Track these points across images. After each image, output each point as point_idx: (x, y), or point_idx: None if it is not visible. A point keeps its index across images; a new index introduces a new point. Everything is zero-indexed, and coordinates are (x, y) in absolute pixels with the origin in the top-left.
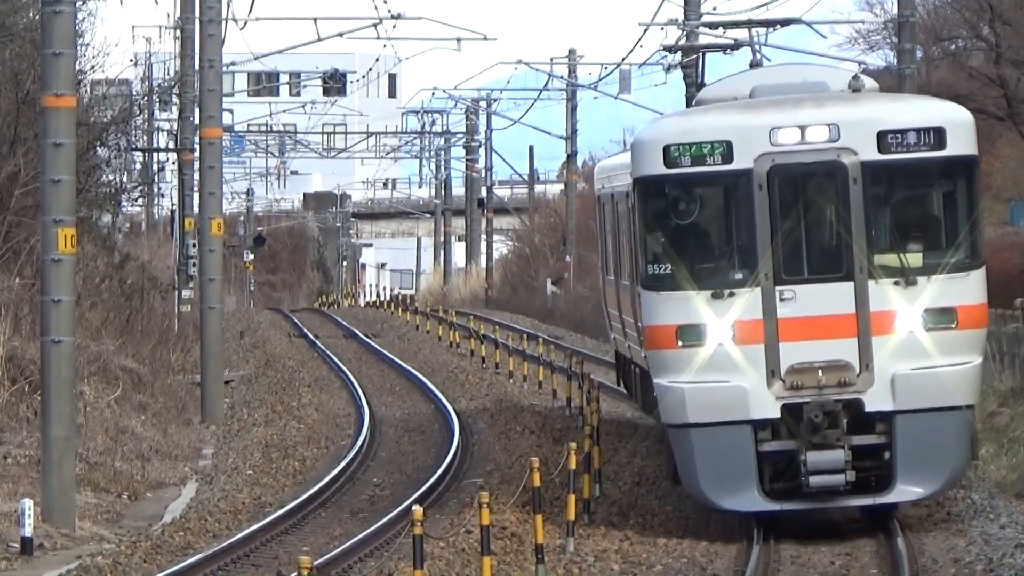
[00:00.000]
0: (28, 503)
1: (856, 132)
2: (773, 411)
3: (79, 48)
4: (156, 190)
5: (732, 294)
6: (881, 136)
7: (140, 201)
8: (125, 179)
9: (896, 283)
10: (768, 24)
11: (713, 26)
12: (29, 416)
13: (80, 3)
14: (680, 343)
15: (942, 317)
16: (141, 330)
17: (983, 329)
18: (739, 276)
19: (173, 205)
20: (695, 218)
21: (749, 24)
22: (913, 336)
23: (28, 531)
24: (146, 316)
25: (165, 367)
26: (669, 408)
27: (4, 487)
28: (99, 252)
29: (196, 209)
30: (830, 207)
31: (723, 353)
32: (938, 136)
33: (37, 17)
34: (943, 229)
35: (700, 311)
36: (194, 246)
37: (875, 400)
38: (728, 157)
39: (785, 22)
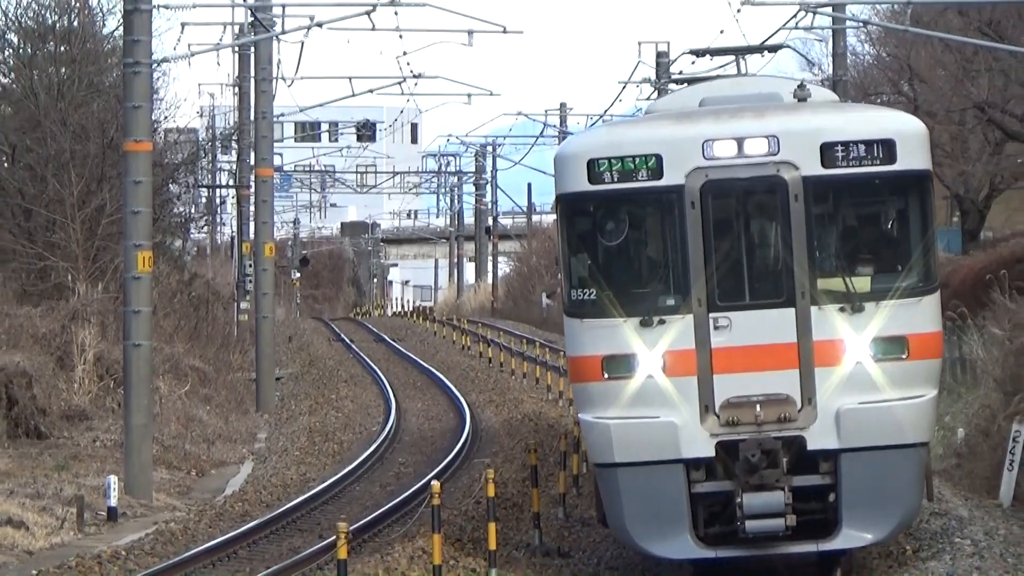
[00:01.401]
0: (113, 479)
1: (798, 144)
2: (707, 449)
3: (155, 102)
4: (218, 220)
5: (662, 322)
6: (825, 149)
7: (205, 229)
8: (193, 211)
9: (842, 309)
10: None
11: (679, 82)
12: (114, 407)
13: (155, 65)
14: (606, 375)
15: (892, 347)
16: (206, 335)
17: (937, 360)
18: (670, 302)
19: (232, 232)
20: (623, 239)
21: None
22: (860, 367)
23: (113, 502)
24: (210, 324)
25: (226, 366)
26: (595, 446)
27: (93, 465)
28: (171, 271)
29: (252, 235)
30: (769, 226)
31: (652, 386)
32: (887, 149)
33: (120, 76)
34: (893, 250)
35: (628, 340)
36: (250, 266)
37: (818, 437)
38: (658, 172)
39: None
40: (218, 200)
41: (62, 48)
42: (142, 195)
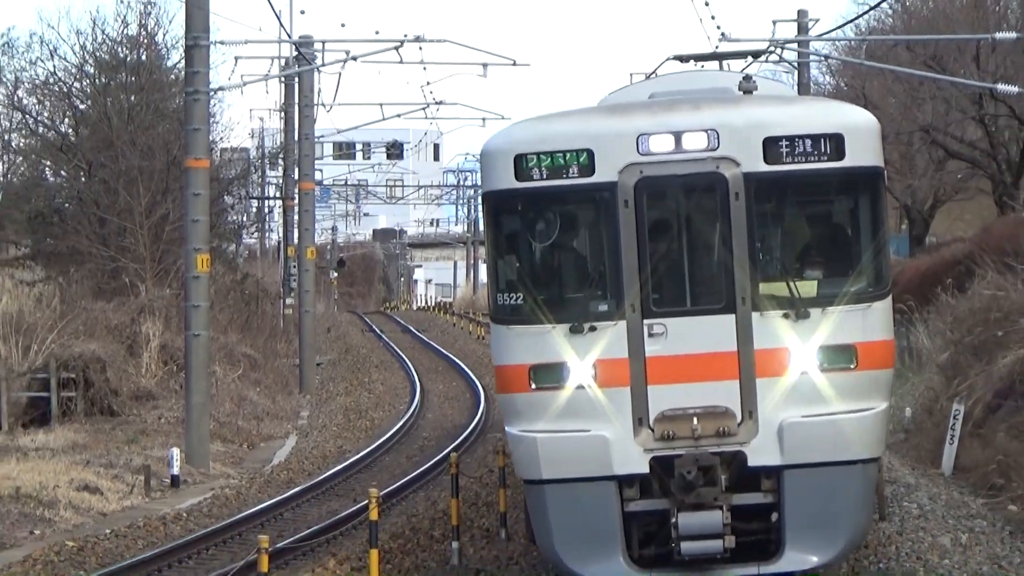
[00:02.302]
0: (176, 451)
1: (739, 139)
2: (640, 465)
3: (211, 125)
4: (267, 227)
5: (594, 328)
6: (768, 144)
7: (255, 235)
8: (244, 219)
9: (785, 316)
10: None
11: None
12: (176, 388)
13: (212, 93)
14: (534, 386)
15: (839, 356)
16: (256, 327)
17: (888, 370)
18: (603, 308)
19: (279, 238)
20: (552, 240)
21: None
22: (805, 378)
23: (176, 470)
24: (260, 317)
25: (273, 353)
26: (522, 461)
27: (158, 439)
28: (226, 271)
29: (296, 240)
30: (708, 227)
31: (583, 398)
32: (836, 144)
33: (182, 102)
34: (842, 253)
35: (557, 349)
36: (294, 267)
37: (760, 453)
38: (589, 169)
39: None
40: (266, 210)
41: (132, 78)
42: (200, 205)
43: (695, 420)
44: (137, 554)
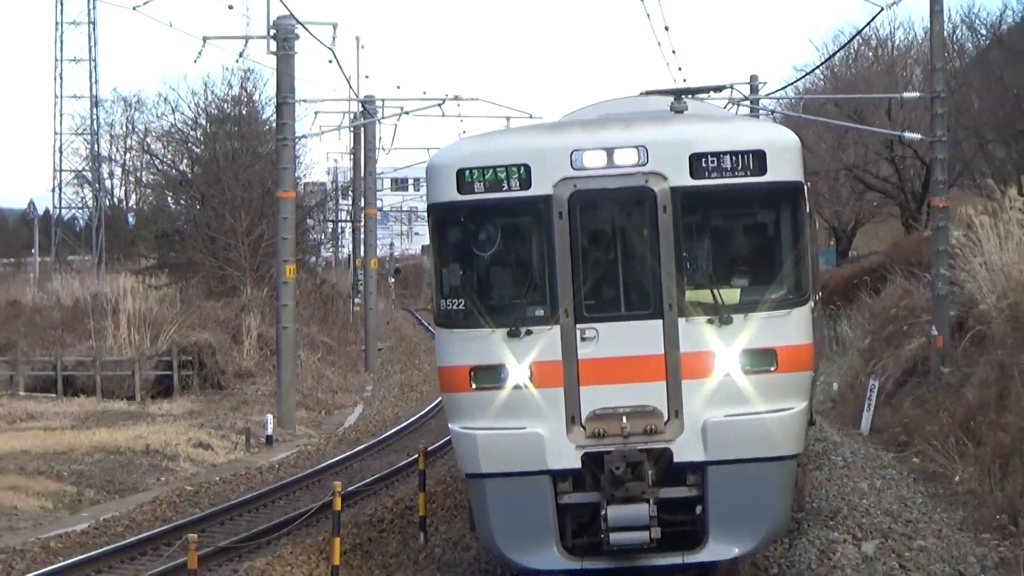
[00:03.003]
0: (269, 416)
1: (666, 155)
2: (573, 461)
3: (296, 164)
4: (339, 243)
5: (530, 332)
6: (694, 159)
7: (331, 249)
8: (322, 237)
9: (710, 321)
10: None
11: None
12: (269, 368)
13: (297, 140)
14: (474, 386)
15: (760, 359)
16: (331, 320)
17: (807, 372)
18: (539, 313)
19: (349, 251)
20: (492, 249)
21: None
22: (728, 380)
23: (270, 431)
24: (334, 313)
25: (345, 341)
26: (463, 456)
27: (256, 407)
28: (308, 278)
29: (362, 254)
30: (638, 237)
31: (519, 397)
32: (758, 160)
33: (274, 147)
34: (764, 262)
35: (495, 351)
36: (361, 274)
37: (685, 450)
38: (526, 182)
39: None
40: (339, 230)
41: (235, 128)
42: (288, 227)
43: (624, 419)
44: (240, 496)
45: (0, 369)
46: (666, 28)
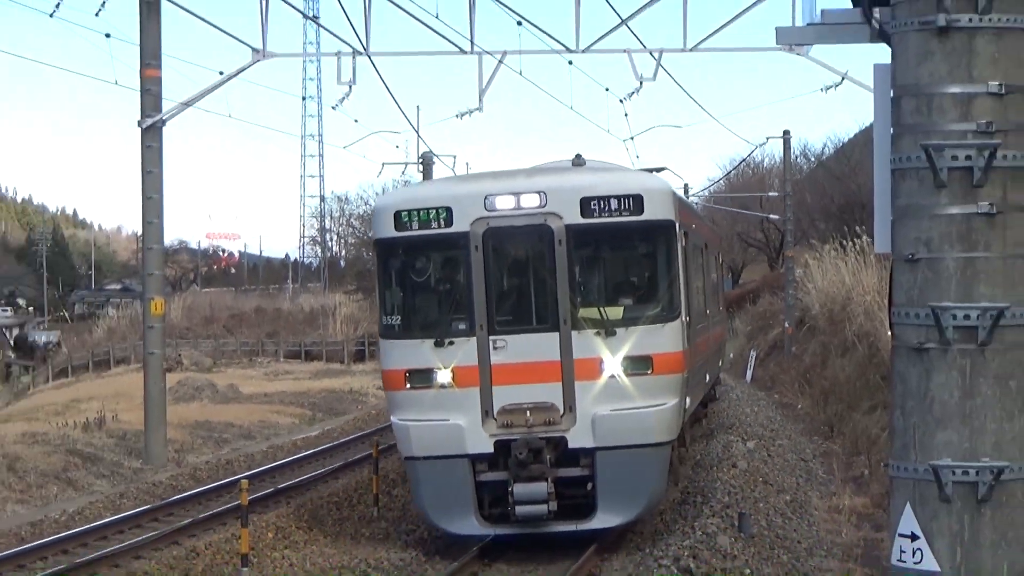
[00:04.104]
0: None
1: (561, 199)
2: (487, 447)
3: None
4: None
5: (452, 343)
6: (584, 202)
7: None
8: None
9: (597, 334)
10: None
11: None
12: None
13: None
14: (409, 385)
15: (639, 364)
16: None
17: (679, 374)
18: (461, 327)
19: None
20: (423, 275)
21: None
22: (613, 381)
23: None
24: None
25: None
26: (400, 443)
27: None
28: None
29: None
30: (539, 265)
31: (444, 395)
32: (636, 203)
33: None
34: (642, 286)
35: (426, 357)
36: None
37: (577, 438)
38: (449, 221)
39: None
40: None
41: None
42: None
43: (528, 413)
44: None
45: (269, 346)
46: (632, 138)
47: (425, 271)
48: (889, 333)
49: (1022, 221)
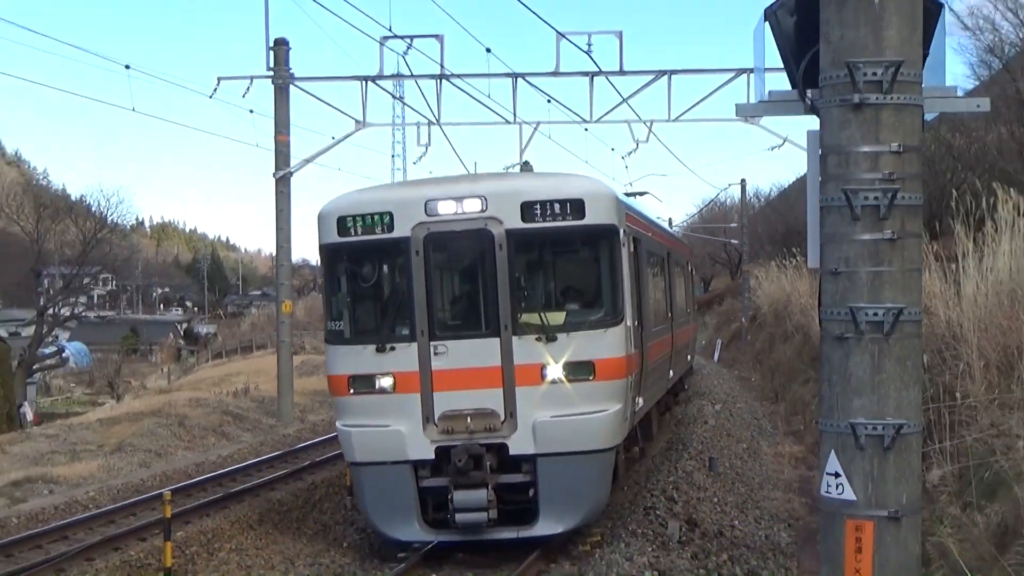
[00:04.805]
0: None
1: (502, 203)
2: (428, 453)
3: None
4: None
5: (393, 348)
6: (524, 207)
7: None
8: None
9: (539, 339)
10: None
11: None
12: None
13: None
14: (352, 391)
15: (580, 370)
16: None
17: (622, 380)
18: (403, 332)
19: None
20: (366, 281)
21: None
22: (553, 387)
23: None
24: None
25: None
26: (344, 448)
27: None
28: None
29: None
30: (480, 270)
31: (386, 401)
32: (577, 207)
33: None
34: (585, 290)
35: (368, 363)
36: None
37: (518, 444)
38: (390, 226)
39: None
40: None
41: None
42: None
43: (469, 419)
44: None
45: None
46: (631, 183)
47: (368, 276)
48: (819, 326)
49: (915, 245)
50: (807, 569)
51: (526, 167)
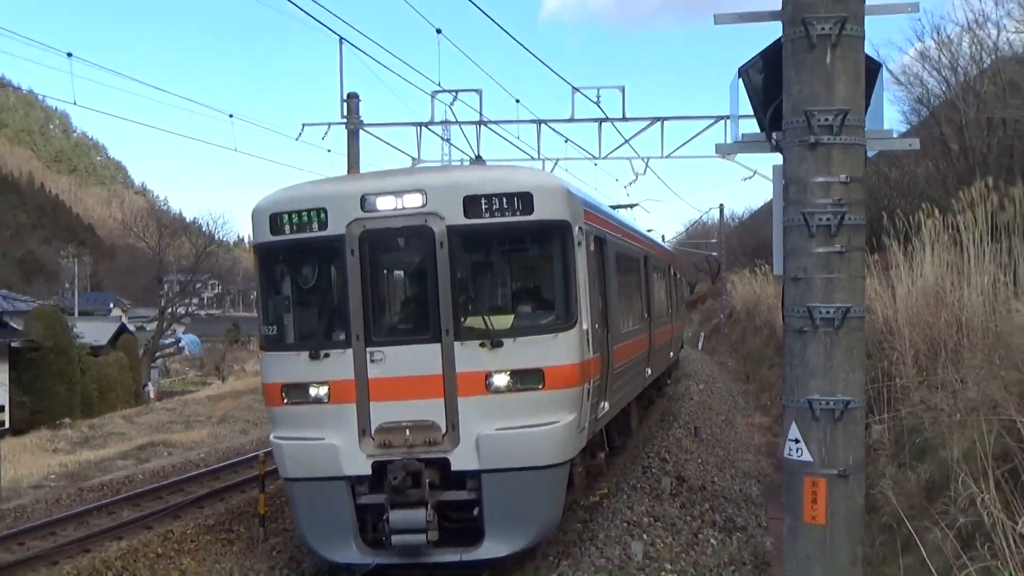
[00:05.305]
0: None
1: (443, 198)
2: (365, 468)
3: None
4: None
5: (327, 355)
6: (467, 201)
7: None
8: None
9: (483, 345)
10: None
11: None
12: None
13: None
14: (286, 401)
15: (528, 378)
16: None
17: (575, 388)
18: (339, 337)
19: None
20: (300, 282)
21: None
22: (499, 397)
23: None
24: None
25: None
26: (278, 462)
27: None
28: None
29: None
30: (419, 270)
31: (319, 411)
32: (524, 201)
33: None
34: (533, 292)
35: (301, 371)
36: None
37: (461, 459)
38: (324, 224)
39: None
40: None
41: None
42: None
43: (408, 431)
44: None
45: None
46: (630, 184)
47: (302, 278)
48: (782, 322)
49: (859, 257)
50: (773, 516)
51: (478, 161)
